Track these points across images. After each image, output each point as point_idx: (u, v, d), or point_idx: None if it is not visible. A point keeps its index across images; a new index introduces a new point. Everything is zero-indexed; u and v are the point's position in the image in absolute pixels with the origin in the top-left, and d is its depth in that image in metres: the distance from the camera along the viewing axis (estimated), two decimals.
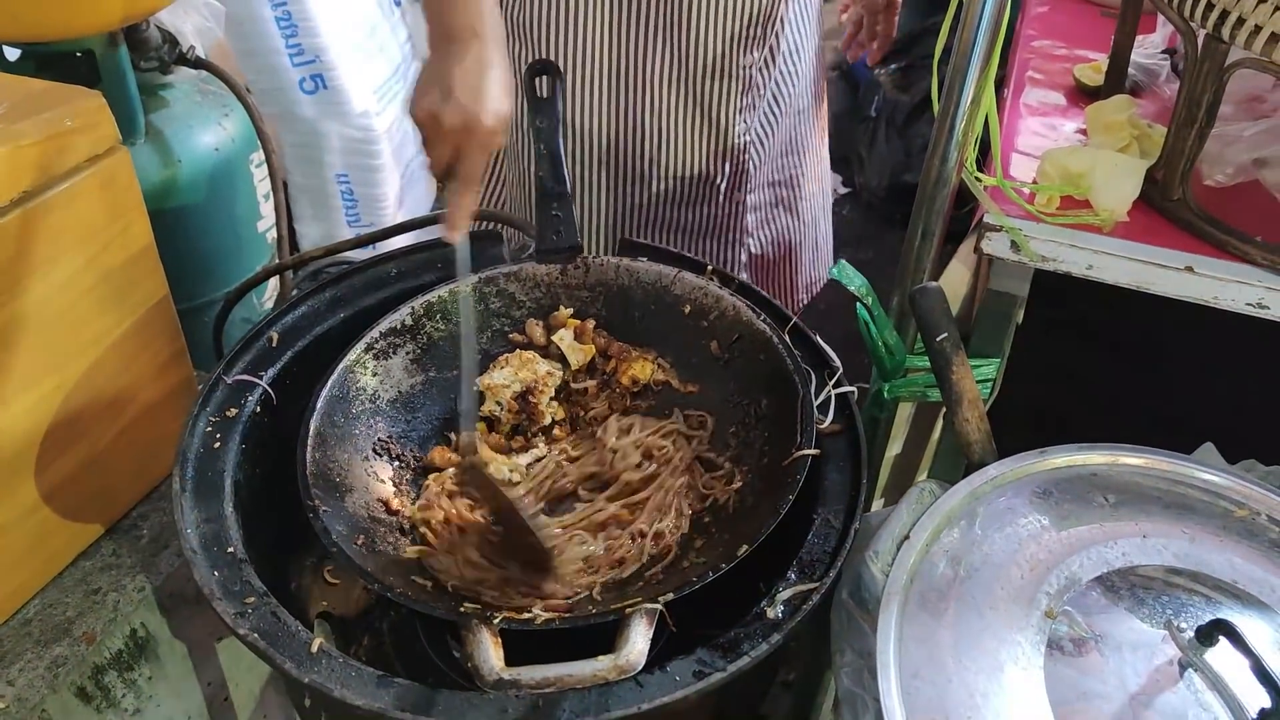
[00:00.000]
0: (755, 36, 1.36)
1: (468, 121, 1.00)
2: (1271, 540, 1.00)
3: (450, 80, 1.00)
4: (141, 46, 1.67)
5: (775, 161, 1.53)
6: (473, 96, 1.00)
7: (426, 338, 1.18)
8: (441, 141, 1.02)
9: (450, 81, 1.00)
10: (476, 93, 1.01)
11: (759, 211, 1.53)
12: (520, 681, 0.82)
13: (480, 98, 1.01)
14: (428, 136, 1.04)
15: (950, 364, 1.06)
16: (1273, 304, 1.11)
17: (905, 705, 0.86)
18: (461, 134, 1.01)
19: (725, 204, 1.47)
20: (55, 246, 1.14)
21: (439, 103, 1.00)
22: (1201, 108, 1.09)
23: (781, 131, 1.50)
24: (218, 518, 0.98)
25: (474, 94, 1.01)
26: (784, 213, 1.58)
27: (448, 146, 1.02)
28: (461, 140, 1.02)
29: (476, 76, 1.01)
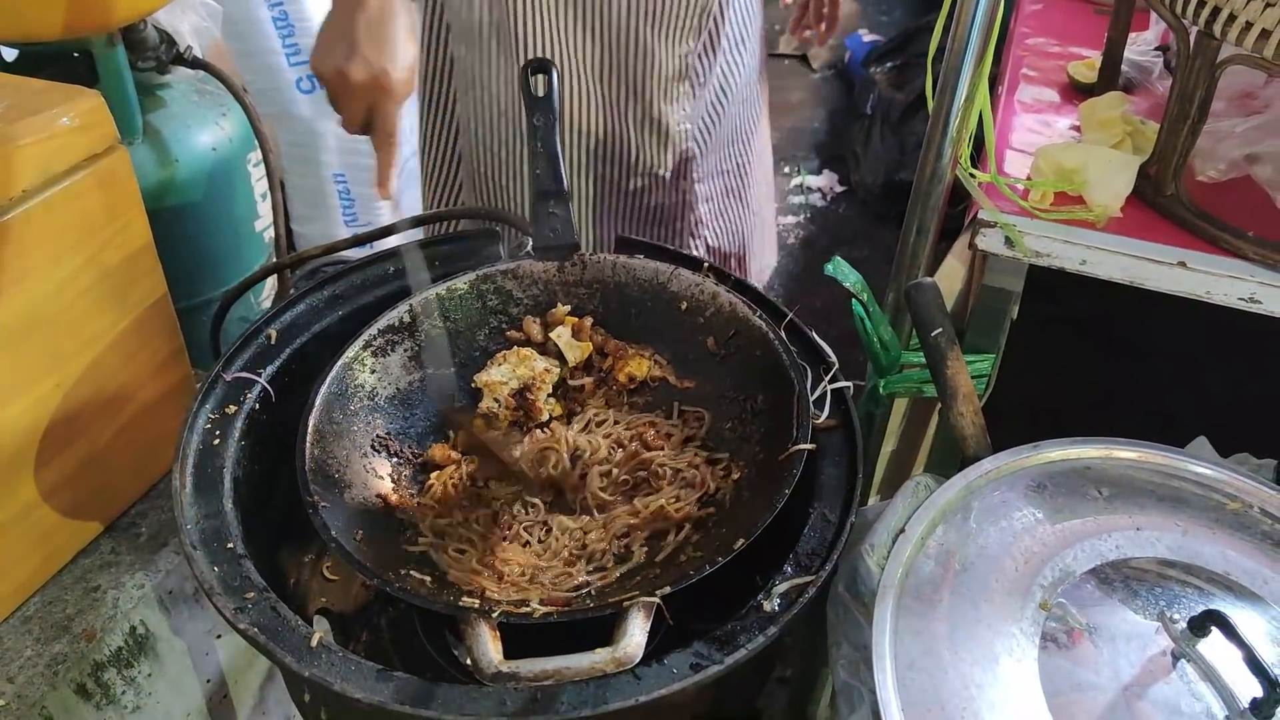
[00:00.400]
0: (690, 26, 1.35)
1: (377, 75, 0.99)
2: (1264, 533, 1.00)
3: (354, 34, 0.98)
4: (139, 46, 1.67)
5: (723, 150, 1.52)
6: (379, 49, 0.98)
7: (424, 335, 1.18)
8: (353, 97, 1.00)
9: (355, 35, 0.98)
10: (382, 44, 0.98)
11: (712, 202, 1.53)
12: (519, 674, 0.83)
13: (386, 49, 0.99)
14: (336, 93, 1.01)
15: (945, 359, 1.07)
16: (1265, 299, 1.11)
17: (900, 696, 0.87)
18: (372, 88, 0.99)
19: (672, 192, 1.46)
20: (54, 245, 1.14)
21: (344, 58, 0.98)
22: (1194, 104, 1.10)
23: (728, 120, 1.50)
24: (217, 514, 0.99)
25: (380, 45, 0.98)
26: (735, 202, 1.59)
27: (360, 102, 1.00)
28: (374, 95, 1.00)
29: (380, 27, 0.99)
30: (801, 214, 3.21)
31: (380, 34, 0.99)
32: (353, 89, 1.00)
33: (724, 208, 1.56)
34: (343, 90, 1.01)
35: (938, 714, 0.86)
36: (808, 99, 3.76)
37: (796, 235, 3.11)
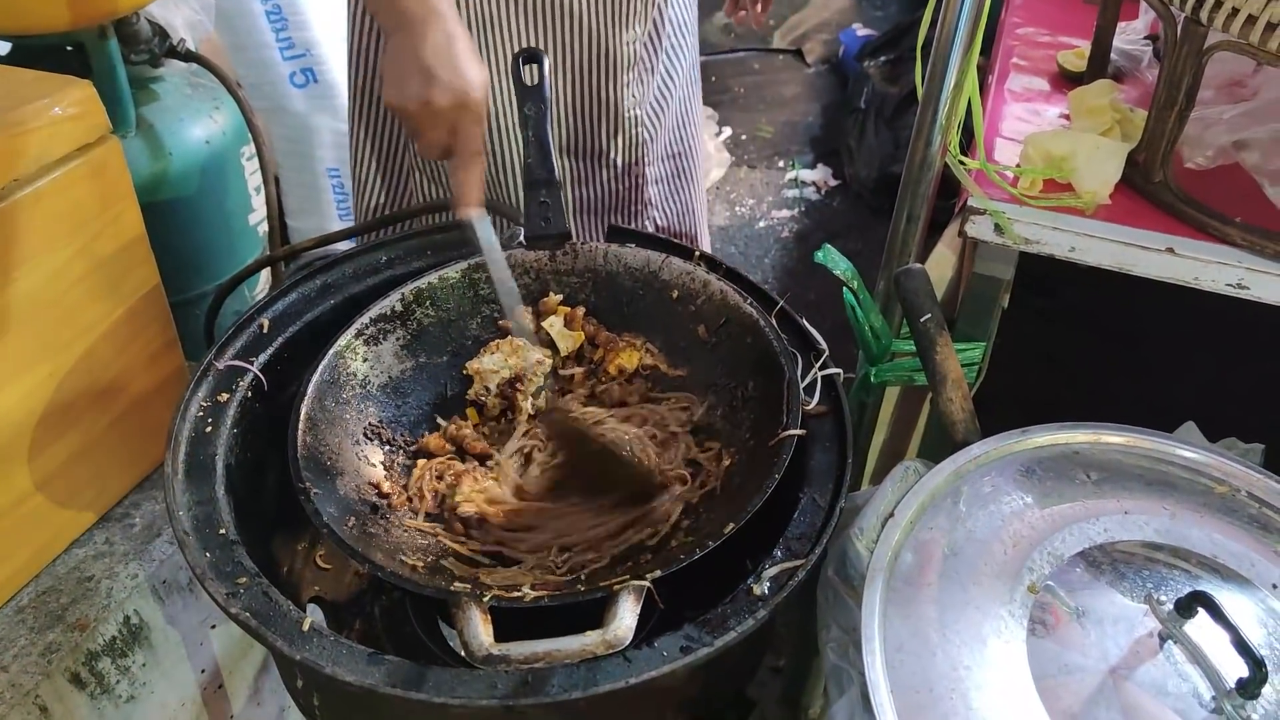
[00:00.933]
0: (637, 12, 1.35)
1: (459, 97, 1.01)
2: (1251, 516, 1.01)
3: (426, 62, 1.00)
4: (132, 39, 1.68)
5: (672, 134, 1.54)
6: (455, 72, 1.01)
7: (416, 324, 1.19)
8: (436, 124, 1.02)
9: (427, 64, 1.00)
10: (456, 68, 1.01)
11: (661, 184, 1.54)
12: (509, 657, 0.83)
13: (462, 72, 1.01)
14: (420, 124, 1.03)
15: (934, 345, 1.08)
16: (1252, 284, 1.12)
17: (889, 678, 0.87)
18: (456, 111, 1.01)
19: (625, 178, 1.47)
20: (46, 235, 1.15)
21: (425, 87, 1.01)
22: (1181, 90, 1.11)
23: (674, 104, 1.51)
24: (209, 500, 0.99)
25: (454, 69, 1.01)
26: (685, 182, 1.60)
27: (444, 128, 1.03)
28: (456, 117, 1.02)
29: (449, 52, 1.01)
30: (796, 208, 3.21)
31: (452, 57, 1.02)
32: (437, 115, 1.02)
33: (674, 189, 1.57)
34: (427, 118, 1.03)
35: (926, 696, 0.87)
36: (802, 93, 3.76)
37: (790, 229, 3.12)
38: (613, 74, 1.36)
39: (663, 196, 1.55)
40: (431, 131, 1.04)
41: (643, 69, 1.40)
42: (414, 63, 1.01)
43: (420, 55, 1.01)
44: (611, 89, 1.37)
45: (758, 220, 3.16)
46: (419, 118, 1.03)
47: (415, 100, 1.02)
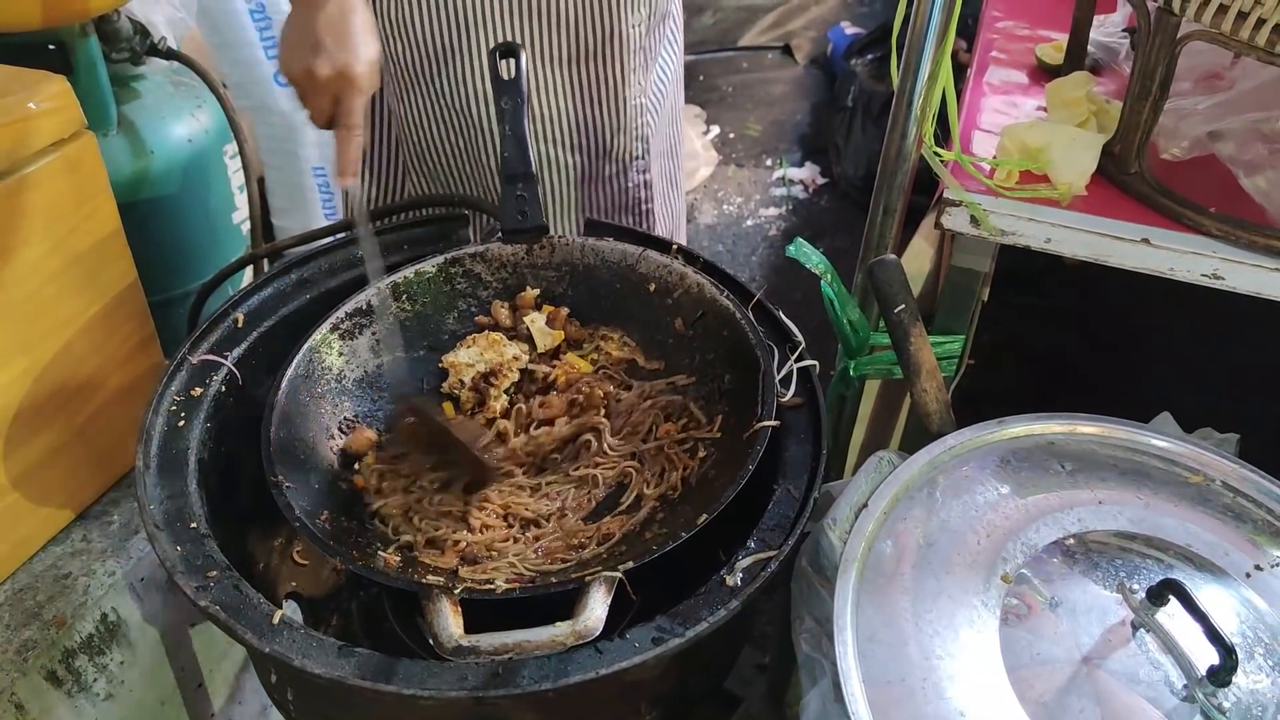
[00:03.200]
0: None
1: (342, 69, 1.02)
2: (1225, 505, 1.01)
3: (317, 32, 1.02)
4: (112, 37, 1.67)
5: (666, 129, 1.54)
6: (342, 44, 1.02)
7: (392, 318, 1.19)
8: (320, 93, 1.03)
9: (317, 34, 1.02)
10: (345, 40, 1.02)
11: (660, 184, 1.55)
12: (479, 648, 0.83)
13: (350, 44, 1.02)
14: (305, 91, 1.05)
15: (908, 335, 1.08)
16: (1227, 274, 1.12)
17: (861, 668, 0.87)
18: (339, 82, 1.02)
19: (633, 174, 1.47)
20: (22, 230, 1.14)
21: (310, 56, 1.01)
22: (1155, 81, 1.11)
23: (669, 100, 1.51)
24: (181, 494, 0.99)
25: (342, 42, 1.02)
26: (669, 186, 1.60)
27: (326, 97, 1.04)
28: (340, 88, 1.03)
29: (342, 24, 1.02)
30: (783, 206, 3.21)
31: (342, 30, 1.03)
32: (319, 85, 1.03)
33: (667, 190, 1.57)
34: (310, 87, 1.04)
35: (898, 686, 0.87)
36: (790, 92, 3.76)
37: (778, 227, 3.12)
38: (617, 58, 1.36)
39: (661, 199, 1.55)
40: (315, 101, 1.05)
41: (646, 56, 1.40)
42: (304, 32, 1.02)
43: (312, 25, 1.02)
44: (618, 74, 1.37)
45: (745, 219, 3.16)
46: (303, 85, 1.04)
47: (300, 68, 1.03)
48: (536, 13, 1.31)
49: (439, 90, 1.36)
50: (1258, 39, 1.00)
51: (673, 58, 1.50)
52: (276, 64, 1.09)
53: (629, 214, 1.49)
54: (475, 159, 1.39)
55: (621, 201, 1.47)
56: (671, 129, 1.57)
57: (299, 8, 1.04)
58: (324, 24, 1.02)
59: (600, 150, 1.43)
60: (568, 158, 1.43)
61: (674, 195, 1.62)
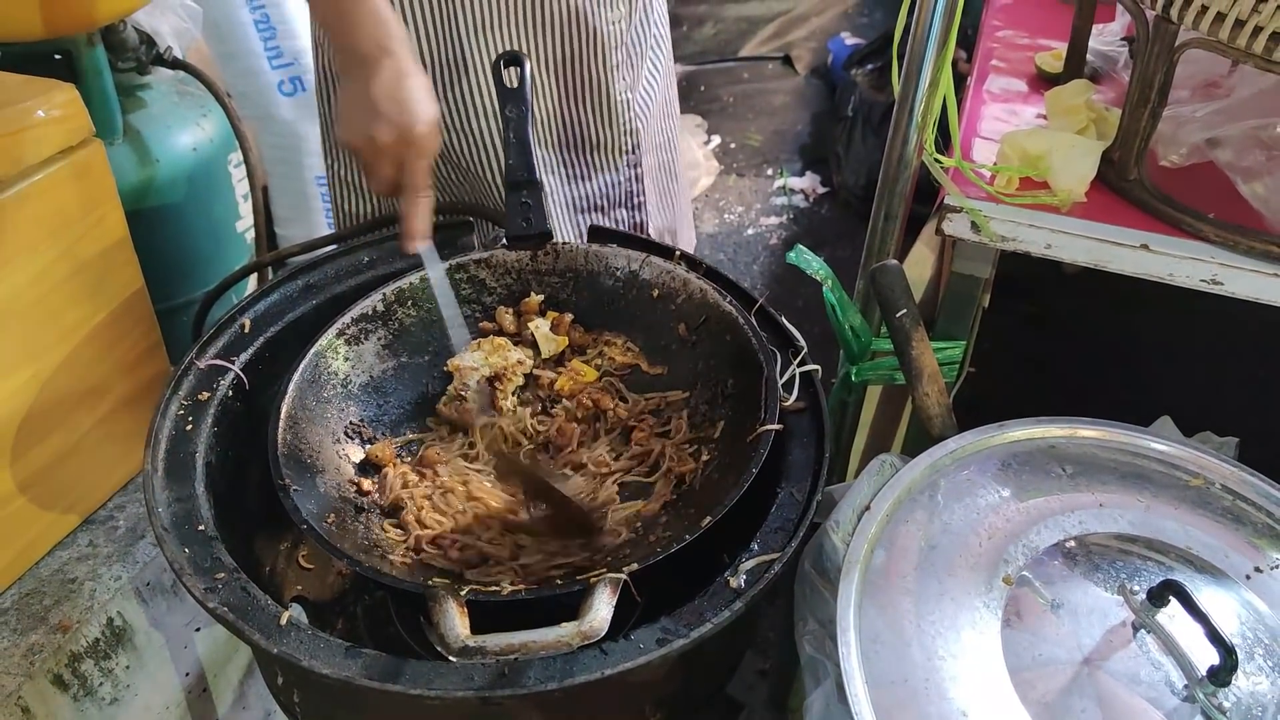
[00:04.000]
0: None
1: (404, 134, 1.03)
2: (1224, 508, 1.02)
3: (374, 100, 1.03)
4: (119, 47, 1.68)
5: (658, 124, 1.55)
6: (400, 109, 1.03)
7: (398, 324, 1.20)
8: (382, 160, 1.05)
9: (375, 101, 1.03)
10: (403, 105, 1.03)
11: (653, 178, 1.55)
12: (485, 648, 0.84)
13: (408, 108, 1.04)
14: (367, 159, 1.06)
15: (910, 340, 1.09)
16: (1226, 280, 1.13)
17: (864, 669, 0.88)
18: (400, 147, 1.04)
19: (623, 169, 1.48)
20: (30, 237, 1.15)
21: (370, 124, 1.03)
22: (1154, 88, 1.12)
23: (660, 94, 1.52)
24: (189, 497, 0.99)
25: (401, 106, 1.03)
26: (668, 178, 1.61)
27: (389, 163, 1.05)
28: (402, 153, 1.04)
29: (398, 89, 1.04)
30: (784, 215, 3.23)
31: (400, 96, 1.04)
32: (381, 151, 1.04)
33: (664, 184, 1.58)
34: (373, 154, 1.05)
35: (901, 686, 0.88)
36: (790, 101, 3.78)
37: (779, 236, 3.13)
38: (601, 55, 1.37)
39: (656, 192, 1.56)
40: (379, 167, 1.06)
41: (630, 51, 1.41)
42: (363, 101, 1.04)
43: (370, 93, 1.04)
44: (601, 71, 1.38)
45: (746, 227, 3.18)
46: (365, 154, 1.06)
47: (362, 137, 1.04)
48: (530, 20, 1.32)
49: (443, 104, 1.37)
50: (1255, 46, 1.01)
51: (661, 55, 1.51)
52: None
53: (621, 207, 1.50)
54: (478, 167, 1.40)
55: (614, 196, 1.48)
56: (666, 122, 1.58)
57: (354, 78, 1.06)
58: (381, 91, 1.03)
59: (590, 146, 1.44)
60: (558, 156, 1.44)
61: (674, 187, 1.62)
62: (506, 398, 1.18)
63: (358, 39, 1.05)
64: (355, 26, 1.05)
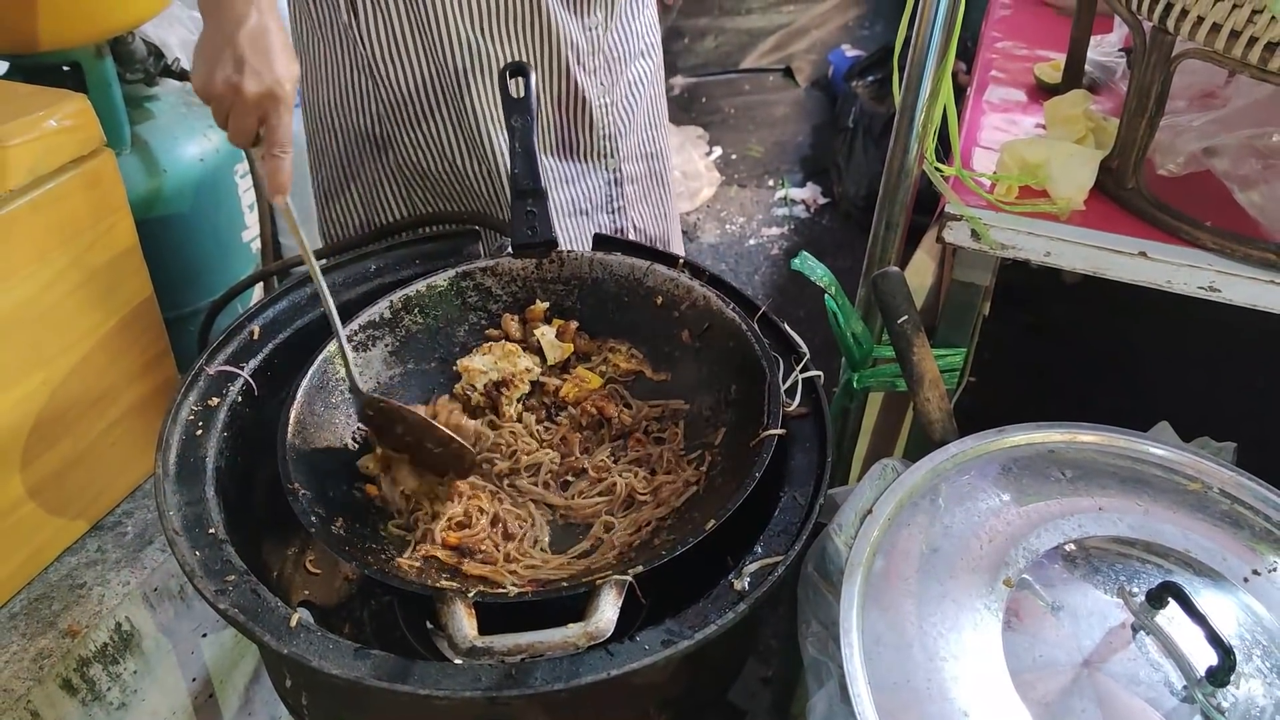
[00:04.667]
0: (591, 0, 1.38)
1: (270, 87, 1.01)
2: (1223, 512, 1.03)
3: (240, 50, 1.01)
4: (127, 58, 1.70)
5: (644, 133, 1.56)
6: (267, 62, 1.01)
7: (404, 330, 1.21)
8: (245, 110, 1.02)
9: (240, 51, 1.01)
10: (269, 57, 1.02)
11: (637, 184, 1.56)
12: (493, 649, 0.85)
13: (274, 62, 1.02)
14: (229, 107, 1.03)
15: (911, 346, 1.10)
16: (1223, 287, 1.14)
17: (867, 670, 0.89)
18: (266, 99, 1.02)
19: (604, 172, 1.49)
20: (41, 245, 1.17)
21: (234, 72, 1.01)
22: (1151, 98, 1.13)
23: (643, 103, 1.53)
24: (199, 501, 1.01)
25: (267, 59, 1.01)
26: (657, 185, 1.61)
27: (253, 115, 1.03)
28: (266, 105, 1.02)
29: (264, 40, 1.02)
30: (785, 225, 3.24)
31: (265, 47, 1.02)
32: (245, 101, 1.02)
33: (649, 189, 1.59)
34: (236, 103, 1.03)
35: (903, 688, 0.89)
36: (792, 113, 3.81)
37: (780, 247, 3.15)
38: (580, 60, 1.38)
39: (639, 196, 1.57)
40: (240, 118, 1.04)
41: (609, 58, 1.42)
42: (224, 49, 1.01)
43: (235, 42, 1.01)
44: (582, 75, 1.39)
45: (748, 238, 3.20)
46: (226, 101, 1.03)
47: (223, 84, 1.02)
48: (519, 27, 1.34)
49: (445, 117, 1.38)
50: (1250, 56, 1.03)
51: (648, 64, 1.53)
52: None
53: (602, 211, 1.52)
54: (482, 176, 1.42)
55: (596, 200, 1.49)
56: (652, 131, 1.59)
57: (216, 25, 1.03)
58: (246, 41, 1.01)
59: (570, 149, 1.45)
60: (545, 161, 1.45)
61: (665, 198, 1.63)
62: (511, 404, 1.19)
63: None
64: None
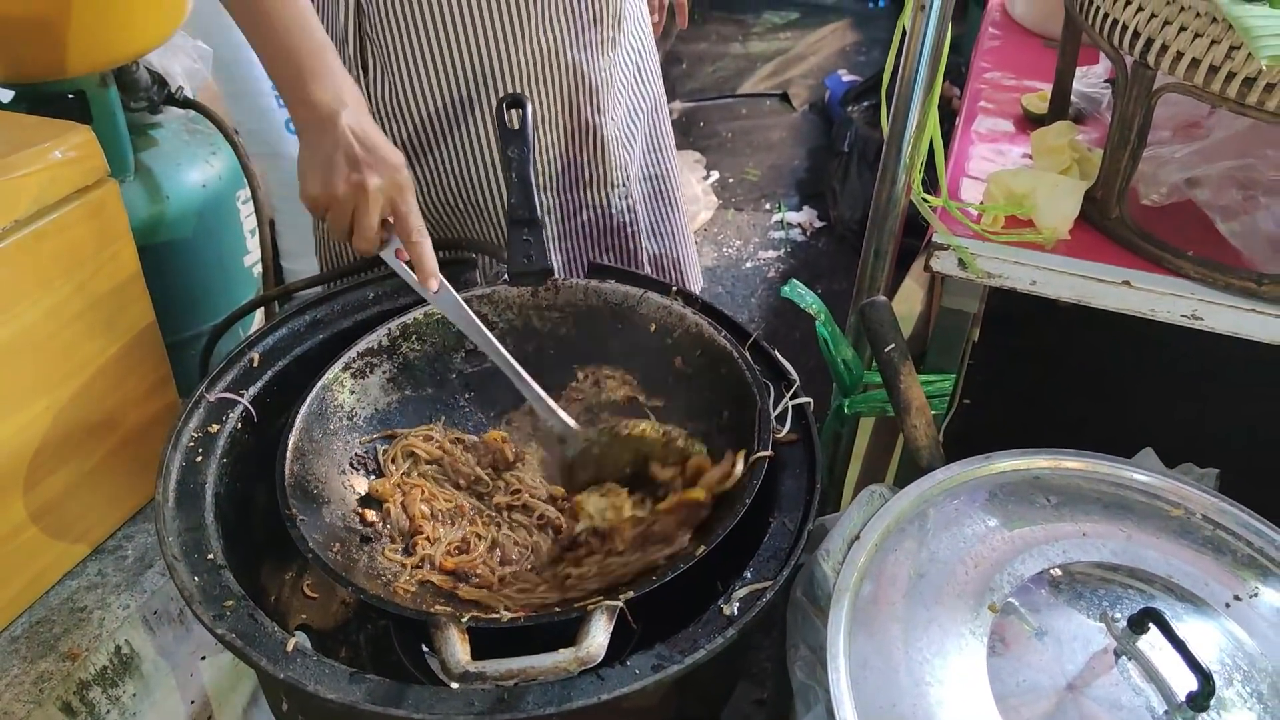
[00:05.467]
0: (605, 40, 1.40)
1: (392, 176, 1.05)
2: (1205, 538, 1.05)
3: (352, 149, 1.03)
4: (131, 87, 1.73)
5: (645, 155, 1.58)
6: (381, 155, 1.04)
7: (403, 358, 1.23)
8: (371, 207, 1.05)
9: (353, 151, 1.03)
10: (379, 151, 1.05)
11: (647, 206, 1.58)
12: (485, 673, 0.86)
13: (387, 154, 1.05)
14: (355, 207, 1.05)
15: (899, 374, 1.12)
16: (1205, 315, 1.16)
17: (854, 695, 0.90)
18: (392, 190, 1.05)
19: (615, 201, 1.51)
20: (45, 273, 1.19)
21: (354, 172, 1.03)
22: (1133, 130, 1.15)
23: (644, 124, 1.55)
24: (199, 527, 1.02)
25: (379, 153, 1.04)
26: (667, 206, 1.63)
27: (378, 209, 1.06)
28: (393, 196, 1.06)
29: (370, 138, 1.05)
30: (782, 249, 3.27)
31: (375, 143, 1.05)
32: (372, 197, 1.04)
33: (659, 212, 1.61)
34: (363, 201, 1.04)
35: (890, 712, 0.90)
36: (788, 137, 3.84)
37: (777, 270, 3.17)
38: (595, 100, 1.41)
39: (650, 221, 1.59)
40: (366, 215, 1.05)
41: (621, 90, 1.45)
42: (337, 152, 1.03)
43: (345, 143, 1.03)
44: (596, 115, 1.42)
45: (745, 261, 3.22)
46: (355, 203, 1.05)
47: (348, 185, 1.04)
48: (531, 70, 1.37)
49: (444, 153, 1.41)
50: (1229, 91, 1.05)
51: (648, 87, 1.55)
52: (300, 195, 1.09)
53: (614, 236, 1.54)
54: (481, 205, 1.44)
55: (605, 226, 1.51)
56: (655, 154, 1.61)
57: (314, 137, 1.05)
58: (354, 140, 1.03)
59: (583, 184, 1.48)
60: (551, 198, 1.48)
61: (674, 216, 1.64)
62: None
63: (316, 92, 1.04)
64: (313, 79, 1.05)
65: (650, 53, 1.57)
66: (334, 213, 1.07)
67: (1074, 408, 1.37)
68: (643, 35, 1.54)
